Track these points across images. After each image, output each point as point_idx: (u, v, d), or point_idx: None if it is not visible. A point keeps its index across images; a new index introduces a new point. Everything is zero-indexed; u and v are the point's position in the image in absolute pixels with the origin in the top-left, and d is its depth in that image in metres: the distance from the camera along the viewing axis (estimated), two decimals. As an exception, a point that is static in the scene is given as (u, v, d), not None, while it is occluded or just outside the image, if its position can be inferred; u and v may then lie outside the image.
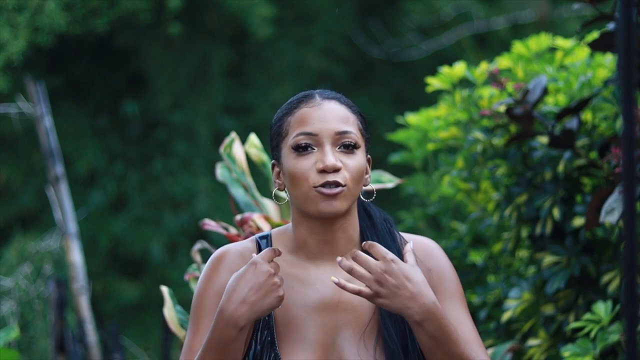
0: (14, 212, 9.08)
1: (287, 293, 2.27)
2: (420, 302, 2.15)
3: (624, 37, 1.56)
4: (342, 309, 2.28)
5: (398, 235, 2.36)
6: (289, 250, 2.32)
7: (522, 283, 3.46)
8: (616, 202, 2.88)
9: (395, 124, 4.86)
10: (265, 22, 8.89)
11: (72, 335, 5.53)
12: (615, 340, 2.97)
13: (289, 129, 2.28)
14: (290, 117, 2.29)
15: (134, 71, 9.40)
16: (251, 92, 9.54)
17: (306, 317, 2.27)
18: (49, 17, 8.23)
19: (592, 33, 3.47)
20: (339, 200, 2.23)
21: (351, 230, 2.31)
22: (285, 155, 2.28)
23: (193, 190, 9.14)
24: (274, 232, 2.37)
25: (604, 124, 3.37)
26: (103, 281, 9.01)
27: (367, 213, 2.37)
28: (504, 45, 9.53)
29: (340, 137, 2.26)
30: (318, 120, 2.26)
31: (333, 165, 2.22)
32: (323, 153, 2.24)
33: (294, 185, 2.26)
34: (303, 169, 2.24)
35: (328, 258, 2.30)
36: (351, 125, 2.28)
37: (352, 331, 2.27)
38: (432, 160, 4.38)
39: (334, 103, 2.30)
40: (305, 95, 2.32)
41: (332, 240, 2.30)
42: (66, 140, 8.88)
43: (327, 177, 2.23)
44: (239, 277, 2.17)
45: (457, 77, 3.77)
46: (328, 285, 2.28)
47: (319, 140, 2.25)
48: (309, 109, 2.28)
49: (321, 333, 2.26)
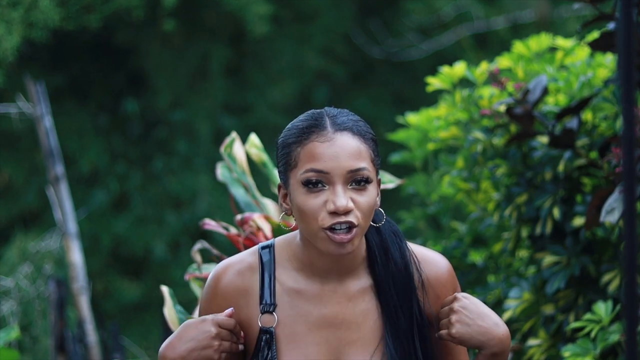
0: (14, 211, 9.08)
1: (291, 310, 2.26)
2: (500, 332, 2.22)
3: (624, 37, 1.56)
4: (347, 327, 2.25)
5: (409, 253, 2.32)
6: (294, 266, 2.29)
7: (522, 283, 3.46)
8: (616, 201, 2.88)
9: (395, 123, 4.86)
10: (262, 20, 8.90)
11: (72, 335, 5.53)
12: (616, 340, 2.97)
13: (298, 161, 2.21)
14: (300, 148, 2.21)
15: (134, 70, 9.40)
16: (250, 91, 9.54)
17: (309, 335, 2.25)
18: (43, 13, 8.25)
19: (592, 33, 3.47)
20: (350, 244, 2.19)
21: (358, 251, 2.28)
22: (293, 186, 2.22)
23: (194, 188, 9.14)
24: (278, 242, 2.33)
25: (604, 123, 3.37)
26: (104, 281, 9.01)
27: (376, 228, 2.32)
28: (504, 45, 9.53)
29: (352, 175, 2.19)
30: (329, 158, 2.18)
31: (345, 208, 2.17)
32: (334, 193, 2.18)
33: (303, 222, 2.21)
34: (313, 208, 2.18)
35: (334, 275, 2.27)
36: (364, 160, 2.21)
37: (357, 350, 2.25)
38: (432, 160, 4.38)
39: (346, 135, 2.21)
40: (316, 125, 2.22)
41: (340, 260, 2.26)
42: (69, 139, 8.89)
43: (339, 219, 2.17)
44: (186, 326, 2.22)
45: (458, 77, 3.77)
46: (333, 302, 2.26)
47: (330, 178, 2.18)
48: (320, 143, 2.20)
49: (324, 350, 2.25)
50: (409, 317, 2.26)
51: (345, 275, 2.27)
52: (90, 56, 9.36)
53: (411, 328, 2.26)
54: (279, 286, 2.28)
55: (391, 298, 2.26)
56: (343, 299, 2.26)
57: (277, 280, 2.28)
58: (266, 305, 2.27)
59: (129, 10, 8.59)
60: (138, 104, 9.31)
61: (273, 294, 2.27)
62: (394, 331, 2.24)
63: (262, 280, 2.28)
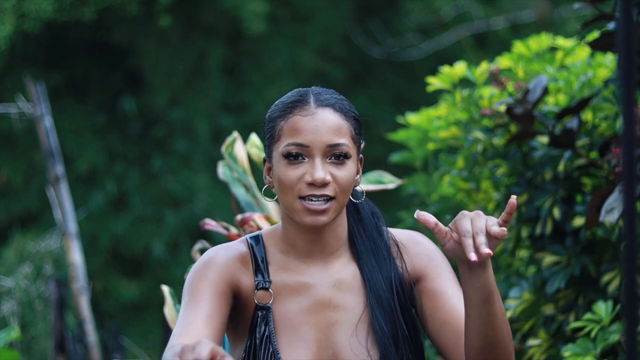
0: (14, 211, 9.08)
1: (282, 297, 2.31)
2: None
3: (624, 37, 1.56)
4: (334, 306, 2.31)
5: (385, 230, 2.39)
6: (281, 250, 2.35)
7: (522, 283, 3.46)
8: (616, 201, 2.88)
9: (395, 124, 4.86)
10: (258, 18, 8.90)
11: (72, 335, 5.53)
12: (616, 340, 2.97)
13: (281, 134, 2.28)
14: (283, 122, 2.29)
15: (131, 69, 9.40)
16: (248, 90, 9.54)
17: (301, 317, 2.31)
18: (35, 4, 8.25)
19: (593, 33, 3.47)
20: (326, 215, 2.26)
21: (340, 229, 2.35)
22: (276, 159, 2.30)
23: (193, 187, 9.14)
24: (265, 232, 2.39)
25: (604, 123, 3.37)
26: (103, 280, 9.01)
27: (355, 207, 2.40)
28: (504, 45, 9.53)
29: (331, 149, 2.26)
30: (310, 132, 2.26)
31: (322, 180, 2.24)
32: (313, 166, 2.25)
33: (282, 192, 2.28)
34: (291, 179, 2.26)
35: (318, 257, 2.34)
36: (343, 136, 2.28)
37: (345, 327, 2.30)
38: (432, 160, 4.38)
39: (327, 111, 2.28)
40: (300, 100, 2.30)
41: (321, 240, 2.33)
42: (67, 138, 8.88)
43: (315, 191, 2.25)
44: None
45: (458, 77, 3.77)
46: (320, 284, 2.32)
47: (310, 151, 2.26)
48: (302, 117, 2.27)
49: (315, 330, 2.30)
50: (389, 288, 2.32)
51: (329, 256, 2.34)
52: (88, 55, 9.36)
53: (392, 298, 2.31)
54: (270, 267, 2.34)
55: (372, 269, 2.33)
56: (330, 280, 2.33)
57: (268, 262, 2.34)
58: (261, 281, 2.32)
59: (123, 4, 8.60)
60: (136, 103, 9.30)
61: (267, 273, 2.33)
62: (378, 304, 2.30)
63: (255, 261, 2.34)
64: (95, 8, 8.50)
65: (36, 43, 8.90)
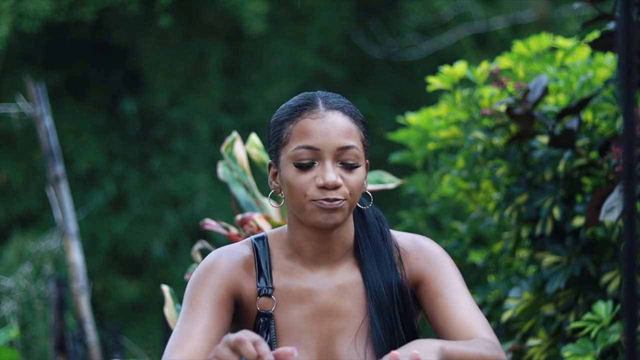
0: (14, 211, 9.08)
1: (284, 303, 2.29)
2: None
3: (624, 37, 1.56)
4: (336, 314, 2.29)
5: (390, 234, 2.36)
6: (285, 254, 2.33)
7: (522, 283, 3.46)
8: (616, 200, 2.88)
9: (395, 123, 4.86)
10: (258, 18, 8.89)
11: (72, 335, 5.52)
12: (616, 340, 2.97)
13: (289, 138, 2.25)
14: (292, 125, 2.25)
15: (131, 69, 9.40)
16: (247, 90, 9.54)
17: (303, 325, 2.28)
18: (34, 4, 8.24)
19: (593, 33, 3.47)
20: (338, 213, 2.23)
21: (346, 236, 2.32)
22: (284, 163, 2.26)
23: (193, 187, 9.13)
24: (270, 234, 2.37)
25: (604, 123, 3.37)
26: (103, 280, 9.01)
27: (361, 212, 2.37)
28: (504, 45, 9.53)
29: (342, 152, 2.24)
30: (320, 135, 2.23)
31: (334, 183, 2.22)
32: (324, 169, 2.23)
33: (292, 197, 2.25)
34: (302, 183, 2.23)
35: (323, 263, 2.31)
36: (354, 139, 2.26)
37: (346, 336, 2.28)
38: (432, 160, 4.38)
39: (337, 114, 2.26)
40: (309, 103, 2.27)
41: (327, 246, 2.30)
42: (66, 138, 8.88)
43: (327, 194, 2.22)
44: None
45: (458, 77, 3.77)
46: (323, 290, 2.30)
47: (320, 154, 2.23)
48: (311, 120, 2.24)
49: (316, 339, 2.28)
50: (389, 295, 2.29)
51: (334, 263, 2.31)
52: (88, 55, 9.36)
53: (392, 306, 2.29)
54: (273, 273, 2.31)
55: (374, 276, 2.30)
56: (333, 287, 2.30)
57: (272, 268, 2.32)
58: (264, 288, 2.29)
59: (123, 4, 8.60)
60: (136, 103, 9.30)
61: (270, 278, 2.30)
62: (378, 312, 2.28)
63: (258, 265, 2.31)
64: (95, 8, 8.50)
65: (35, 43, 8.90)
